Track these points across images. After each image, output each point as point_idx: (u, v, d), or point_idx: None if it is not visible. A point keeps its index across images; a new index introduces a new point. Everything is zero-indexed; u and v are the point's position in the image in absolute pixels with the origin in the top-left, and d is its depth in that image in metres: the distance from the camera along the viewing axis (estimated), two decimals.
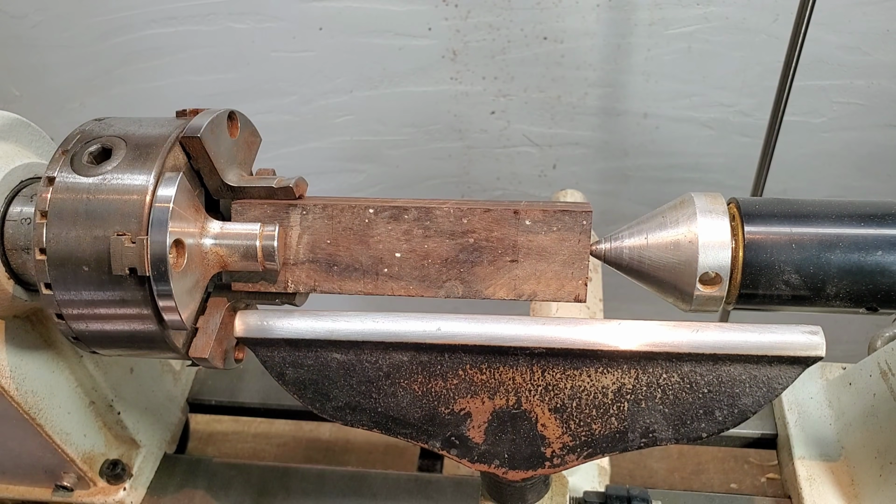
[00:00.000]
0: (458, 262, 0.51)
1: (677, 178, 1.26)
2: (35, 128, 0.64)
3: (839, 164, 1.21)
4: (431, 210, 0.51)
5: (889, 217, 0.49)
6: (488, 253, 0.51)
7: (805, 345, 0.46)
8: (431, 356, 0.49)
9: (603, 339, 0.47)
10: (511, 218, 0.50)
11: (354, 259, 0.52)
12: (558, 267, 0.50)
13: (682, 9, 1.06)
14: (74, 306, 0.51)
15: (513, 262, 0.50)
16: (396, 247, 0.51)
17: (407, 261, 0.51)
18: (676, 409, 0.48)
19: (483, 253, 0.51)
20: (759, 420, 0.81)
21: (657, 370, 0.48)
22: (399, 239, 0.51)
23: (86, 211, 0.49)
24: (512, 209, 0.51)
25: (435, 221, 0.51)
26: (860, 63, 1.08)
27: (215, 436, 1.18)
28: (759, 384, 0.47)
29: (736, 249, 0.48)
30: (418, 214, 0.51)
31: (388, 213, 0.51)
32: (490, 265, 0.51)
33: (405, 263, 0.51)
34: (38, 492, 0.77)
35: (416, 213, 0.51)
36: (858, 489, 0.71)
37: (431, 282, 0.51)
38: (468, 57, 1.14)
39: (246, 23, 1.15)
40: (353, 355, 0.49)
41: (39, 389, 0.67)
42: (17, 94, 1.28)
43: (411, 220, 0.51)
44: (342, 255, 0.52)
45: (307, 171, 1.14)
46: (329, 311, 0.50)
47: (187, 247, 0.50)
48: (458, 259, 0.51)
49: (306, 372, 0.50)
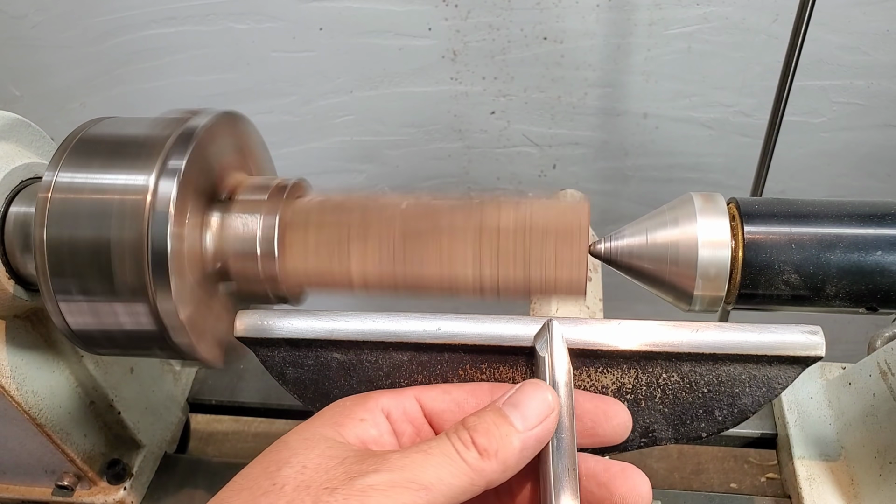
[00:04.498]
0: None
1: (677, 178, 1.26)
2: (35, 128, 0.64)
3: (839, 164, 1.21)
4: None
5: (889, 217, 0.49)
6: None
7: (805, 345, 0.46)
8: (431, 356, 0.49)
9: (602, 338, 0.47)
10: (513, 193, 0.51)
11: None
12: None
13: (682, 9, 1.06)
14: (74, 306, 0.51)
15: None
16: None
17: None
18: (676, 408, 0.48)
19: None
20: (759, 420, 0.81)
21: (657, 370, 0.48)
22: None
23: (86, 211, 0.49)
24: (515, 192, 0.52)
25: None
26: (860, 63, 1.08)
27: (215, 436, 1.18)
28: (758, 384, 0.47)
29: (735, 249, 0.48)
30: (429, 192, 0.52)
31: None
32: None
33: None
34: (38, 491, 0.77)
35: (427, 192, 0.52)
36: (858, 489, 0.71)
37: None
38: (468, 57, 1.14)
39: (246, 23, 1.15)
40: (353, 355, 0.49)
41: (39, 389, 0.67)
42: (17, 94, 1.28)
43: (422, 192, 0.52)
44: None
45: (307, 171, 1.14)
46: (329, 311, 0.50)
47: (187, 247, 0.50)
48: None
49: (306, 372, 0.50)
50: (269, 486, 0.38)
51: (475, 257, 0.49)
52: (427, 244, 0.50)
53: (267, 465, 0.39)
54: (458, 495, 0.38)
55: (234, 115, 0.56)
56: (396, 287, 0.51)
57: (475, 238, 0.49)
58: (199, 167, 0.52)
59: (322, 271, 0.52)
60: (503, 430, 0.39)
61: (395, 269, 0.51)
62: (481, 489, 0.39)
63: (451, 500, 0.38)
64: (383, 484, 0.36)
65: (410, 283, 0.51)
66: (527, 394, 0.41)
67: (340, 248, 0.51)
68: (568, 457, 0.42)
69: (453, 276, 0.50)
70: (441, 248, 0.49)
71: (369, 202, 0.51)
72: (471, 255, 0.49)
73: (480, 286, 0.50)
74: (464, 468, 0.38)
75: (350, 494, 0.36)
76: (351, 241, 0.51)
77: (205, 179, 0.53)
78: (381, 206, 0.51)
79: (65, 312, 0.51)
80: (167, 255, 0.48)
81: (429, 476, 0.37)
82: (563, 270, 0.48)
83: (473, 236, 0.49)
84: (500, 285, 0.50)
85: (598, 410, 0.45)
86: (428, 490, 0.37)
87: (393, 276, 0.51)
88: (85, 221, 0.49)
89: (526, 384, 0.42)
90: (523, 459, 0.40)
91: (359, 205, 0.51)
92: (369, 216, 0.50)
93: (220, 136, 0.54)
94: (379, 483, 0.36)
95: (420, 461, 0.38)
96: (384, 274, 0.51)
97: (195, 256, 0.51)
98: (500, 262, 0.49)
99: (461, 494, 0.38)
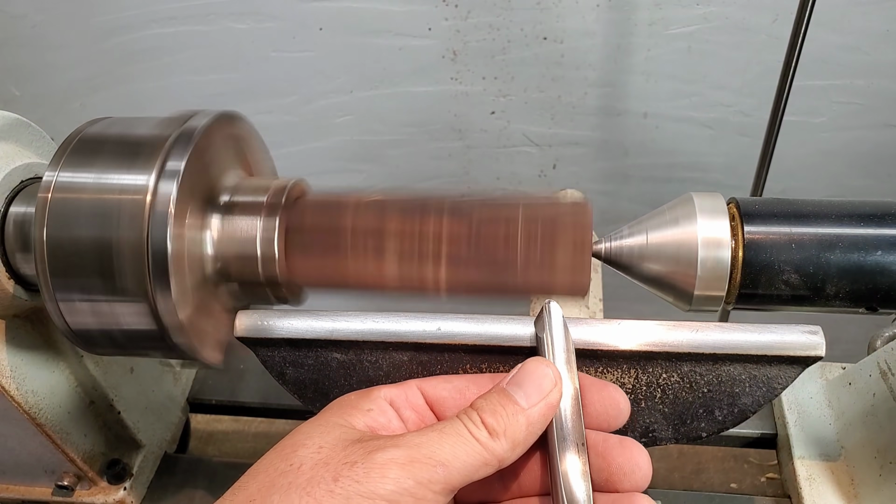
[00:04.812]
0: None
1: (677, 178, 1.26)
2: (35, 128, 0.64)
3: (839, 164, 1.21)
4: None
5: (889, 217, 0.49)
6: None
7: (805, 345, 0.46)
8: (431, 356, 0.49)
9: (602, 338, 0.47)
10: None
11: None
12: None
13: (682, 9, 1.06)
14: (74, 306, 0.51)
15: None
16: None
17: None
18: (676, 408, 0.48)
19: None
20: (759, 420, 0.81)
21: (657, 370, 0.48)
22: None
23: (86, 211, 0.49)
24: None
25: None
26: (860, 63, 1.08)
27: (215, 436, 1.18)
28: (758, 384, 0.47)
29: (736, 249, 0.48)
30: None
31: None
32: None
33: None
34: (38, 491, 0.77)
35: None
36: (858, 489, 0.71)
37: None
38: (468, 57, 1.14)
39: (246, 23, 1.14)
40: (353, 355, 0.49)
41: (39, 389, 0.67)
42: (17, 94, 1.28)
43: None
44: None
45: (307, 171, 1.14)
46: (329, 311, 0.50)
47: (187, 247, 0.50)
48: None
49: (306, 372, 0.50)
50: (287, 467, 0.38)
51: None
52: (427, 251, 0.50)
53: (282, 450, 0.40)
54: (472, 473, 0.38)
55: (234, 115, 0.56)
56: (398, 289, 0.52)
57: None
58: (199, 167, 0.52)
59: (324, 275, 0.52)
60: (509, 410, 0.40)
61: (398, 272, 0.51)
62: (494, 468, 0.39)
63: (466, 478, 0.38)
64: (403, 458, 0.37)
65: (412, 286, 0.51)
66: (528, 371, 0.42)
67: (341, 244, 0.51)
68: (575, 432, 0.42)
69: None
70: (441, 228, 0.50)
71: (369, 199, 0.51)
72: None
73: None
74: (476, 447, 0.38)
75: (371, 468, 0.37)
76: (351, 248, 0.51)
77: (205, 180, 0.53)
78: (381, 203, 0.51)
79: (65, 312, 0.51)
80: (167, 255, 0.48)
81: (445, 453, 0.38)
82: (567, 275, 0.49)
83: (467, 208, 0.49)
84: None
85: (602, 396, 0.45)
86: (445, 467, 0.37)
87: (395, 280, 0.51)
88: (85, 221, 0.49)
89: (527, 362, 0.43)
90: (531, 435, 0.41)
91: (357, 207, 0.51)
92: (367, 209, 0.50)
93: (219, 137, 0.54)
94: (399, 457, 0.37)
95: (436, 439, 0.38)
96: (386, 277, 0.51)
97: (195, 256, 0.51)
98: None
99: (475, 472, 0.38)
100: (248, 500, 0.37)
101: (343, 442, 0.39)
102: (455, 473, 0.38)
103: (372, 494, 0.36)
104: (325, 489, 0.36)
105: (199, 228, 0.52)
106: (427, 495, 0.37)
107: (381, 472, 0.36)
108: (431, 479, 0.37)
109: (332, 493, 0.36)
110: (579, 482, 0.40)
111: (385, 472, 0.36)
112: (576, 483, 0.40)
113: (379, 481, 0.36)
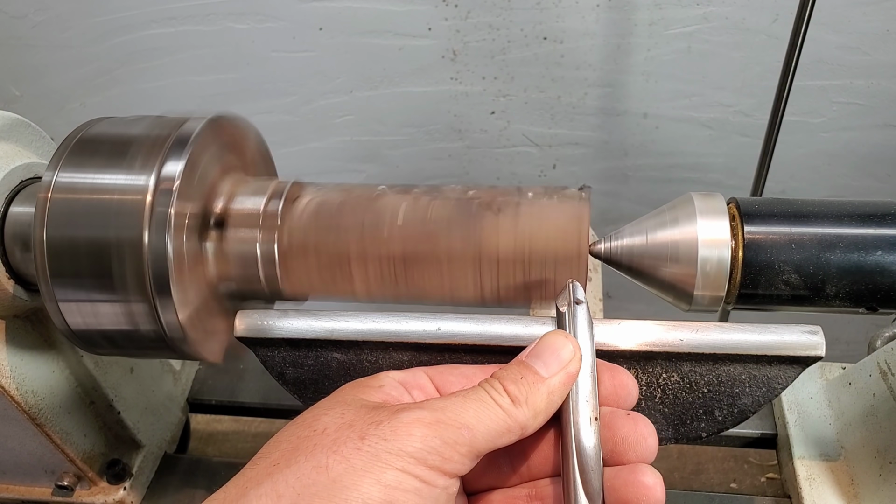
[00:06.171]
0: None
1: (677, 178, 1.26)
2: (35, 128, 0.64)
3: (839, 164, 1.21)
4: (439, 186, 0.53)
5: (889, 217, 0.49)
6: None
7: (805, 345, 0.46)
8: (431, 356, 0.49)
9: (602, 338, 0.47)
10: (514, 192, 0.52)
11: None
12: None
13: (682, 9, 1.06)
14: (74, 306, 0.51)
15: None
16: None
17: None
18: (676, 408, 0.48)
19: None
20: (759, 420, 0.81)
21: (657, 370, 0.48)
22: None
23: (86, 211, 0.49)
24: (515, 187, 0.53)
25: (442, 192, 0.52)
26: (860, 63, 1.08)
27: (215, 436, 1.18)
28: (758, 384, 0.47)
29: (736, 249, 0.48)
30: (427, 189, 0.53)
31: (395, 190, 0.53)
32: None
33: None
34: (38, 492, 0.77)
35: (425, 188, 0.53)
36: (858, 489, 0.71)
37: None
38: (468, 57, 1.14)
39: (246, 23, 1.14)
40: (353, 355, 0.49)
41: (39, 389, 0.67)
42: (17, 94, 1.28)
43: (419, 193, 0.53)
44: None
45: (307, 171, 1.14)
46: (329, 311, 0.50)
47: (187, 247, 0.50)
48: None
49: (306, 372, 0.50)
50: (310, 433, 0.38)
51: (475, 283, 0.50)
52: (428, 268, 0.51)
53: (303, 422, 0.40)
54: (495, 438, 0.39)
55: (232, 115, 0.56)
56: (399, 301, 0.53)
57: (475, 266, 0.50)
58: (199, 168, 0.52)
59: (324, 289, 0.53)
60: (530, 379, 0.40)
61: (398, 290, 0.52)
62: (517, 436, 0.40)
63: (489, 443, 0.38)
64: (428, 418, 0.37)
65: (413, 299, 0.52)
66: (547, 343, 0.42)
67: (342, 270, 0.52)
68: (591, 405, 0.42)
69: (455, 297, 0.52)
70: (441, 273, 0.51)
71: (367, 215, 0.51)
72: (471, 280, 0.50)
73: (482, 302, 0.52)
74: (500, 413, 0.39)
75: (397, 426, 0.37)
76: (352, 263, 0.51)
77: (204, 180, 0.53)
78: (377, 221, 0.51)
79: (64, 312, 0.51)
80: (167, 255, 0.48)
81: (469, 417, 0.38)
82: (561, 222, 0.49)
83: (473, 264, 0.50)
84: (501, 301, 0.52)
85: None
86: (470, 430, 0.37)
87: (395, 296, 0.52)
88: (85, 221, 0.49)
89: (546, 335, 0.43)
90: (552, 405, 0.41)
91: (356, 221, 0.51)
92: (367, 236, 0.51)
93: (218, 137, 0.54)
94: (424, 417, 0.37)
95: (460, 404, 0.39)
96: (387, 293, 0.52)
97: (195, 257, 0.51)
98: (500, 285, 0.50)
99: (498, 438, 0.39)
100: (272, 465, 0.37)
101: (365, 408, 0.39)
102: (479, 437, 0.38)
103: (400, 451, 0.36)
104: (353, 446, 0.36)
105: (199, 227, 0.52)
106: (454, 456, 0.37)
107: (407, 430, 0.36)
108: (457, 440, 0.37)
109: (360, 450, 0.36)
110: (592, 453, 0.41)
111: (411, 430, 0.36)
112: (588, 454, 0.41)
113: (406, 439, 0.36)
